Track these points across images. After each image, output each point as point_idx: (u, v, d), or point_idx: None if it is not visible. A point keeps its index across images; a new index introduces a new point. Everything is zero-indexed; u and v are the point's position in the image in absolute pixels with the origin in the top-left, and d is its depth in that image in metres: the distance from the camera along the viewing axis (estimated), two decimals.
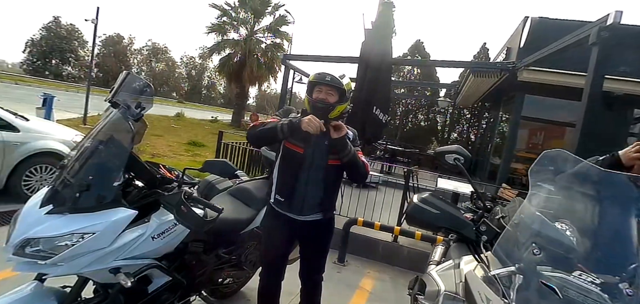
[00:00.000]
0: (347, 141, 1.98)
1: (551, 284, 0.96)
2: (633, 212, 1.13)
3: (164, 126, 16.22)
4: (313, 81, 2.00)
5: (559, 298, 0.94)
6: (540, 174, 1.25)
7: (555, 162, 1.28)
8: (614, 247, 1.12)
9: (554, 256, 1.04)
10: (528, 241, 1.09)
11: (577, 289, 0.96)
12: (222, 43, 22.29)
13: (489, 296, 1.00)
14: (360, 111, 5.46)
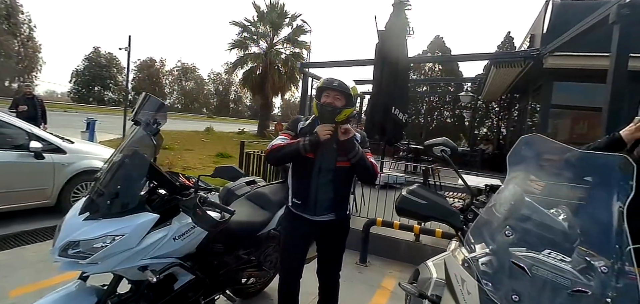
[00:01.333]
0: (355, 143, 2.08)
1: (521, 264, 0.99)
2: (612, 191, 1.14)
3: (194, 141, 16.98)
4: (321, 86, 2.13)
5: (529, 276, 0.97)
6: (517, 159, 1.29)
7: (532, 147, 1.31)
8: (591, 227, 1.13)
9: (526, 237, 1.06)
10: (502, 223, 1.12)
11: (547, 268, 0.98)
12: (244, 57, 23.14)
13: (464, 277, 1.04)
14: (379, 112, 5.49)
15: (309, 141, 2.06)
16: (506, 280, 1.00)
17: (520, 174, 1.26)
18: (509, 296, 0.96)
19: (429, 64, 21.98)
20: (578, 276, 0.96)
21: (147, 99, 1.91)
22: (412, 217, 1.36)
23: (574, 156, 1.25)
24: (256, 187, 2.87)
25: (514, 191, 1.20)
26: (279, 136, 2.24)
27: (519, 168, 1.28)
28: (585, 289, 0.94)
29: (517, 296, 0.95)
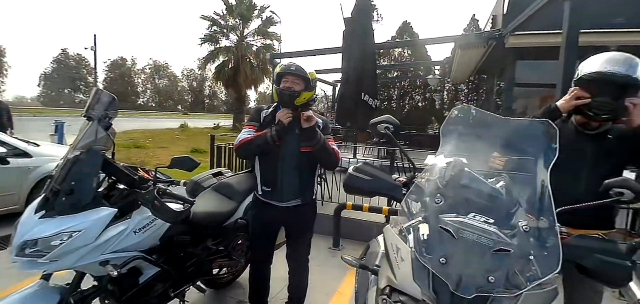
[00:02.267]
0: (316, 130, 2.14)
1: (448, 228, 1.04)
2: (538, 155, 1.23)
3: (169, 138, 16.63)
4: (280, 72, 2.17)
5: (455, 239, 1.02)
6: (450, 130, 1.36)
7: (464, 118, 1.39)
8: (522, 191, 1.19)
9: (457, 203, 1.12)
10: (434, 192, 1.17)
11: (472, 229, 1.02)
12: (215, 51, 22.94)
13: (399, 245, 1.09)
14: (349, 99, 5.57)
15: (276, 130, 2.11)
16: (436, 245, 1.04)
17: (452, 144, 1.33)
18: (438, 259, 1.01)
19: (399, 49, 22.29)
20: (501, 236, 1.01)
21: (98, 94, 1.90)
22: (358, 193, 1.41)
23: (502, 125, 1.35)
24: (223, 178, 2.89)
25: (448, 161, 1.27)
26: (244, 129, 2.28)
27: (451, 138, 1.35)
28: (507, 248, 0.99)
29: (445, 259, 1.00)
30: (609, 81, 1.58)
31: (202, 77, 71.25)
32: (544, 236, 1.05)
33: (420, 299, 0.99)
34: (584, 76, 1.67)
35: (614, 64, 1.57)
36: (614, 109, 1.58)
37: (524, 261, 1.00)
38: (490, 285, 0.95)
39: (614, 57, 1.60)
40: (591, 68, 1.64)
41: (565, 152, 1.76)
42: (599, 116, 1.62)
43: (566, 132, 1.79)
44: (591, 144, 1.71)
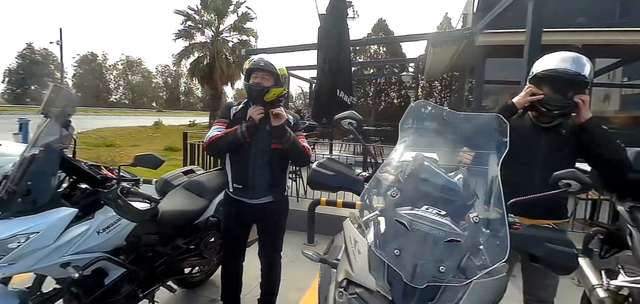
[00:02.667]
0: (286, 128, 2.14)
1: (402, 220, 1.06)
2: (491, 148, 1.30)
3: (142, 136, 16.17)
4: (249, 67, 2.16)
5: (408, 230, 1.04)
6: (408, 125, 1.41)
7: (421, 113, 1.45)
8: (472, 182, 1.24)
9: (411, 196, 1.15)
10: (390, 185, 1.20)
11: (425, 221, 1.04)
12: (189, 47, 22.44)
13: (357, 239, 1.11)
14: (324, 96, 5.59)
15: (247, 126, 2.10)
16: (391, 237, 1.07)
17: (410, 139, 1.38)
18: (392, 251, 1.03)
19: (375, 46, 22.58)
20: (453, 227, 1.05)
21: (56, 90, 1.84)
22: (322, 189, 1.44)
23: (456, 119, 1.41)
24: (194, 176, 2.86)
25: (405, 155, 1.31)
26: (214, 126, 2.25)
27: (409, 133, 1.39)
28: (457, 239, 1.02)
29: (398, 251, 1.02)
30: (560, 78, 1.68)
31: (178, 74, 69.53)
32: (494, 227, 1.10)
33: (374, 291, 1.01)
34: (537, 74, 1.77)
35: (565, 63, 1.67)
36: (565, 105, 1.69)
37: (474, 251, 1.04)
38: (441, 275, 0.98)
39: (565, 57, 1.71)
40: (544, 66, 1.74)
41: (522, 145, 1.86)
42: (551, 111, 1.72)
43: (523, 126, 1.89)
44: (545, 137, 1.81)
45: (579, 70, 1.65)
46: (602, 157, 1.73)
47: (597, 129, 1.71)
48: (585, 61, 1.69)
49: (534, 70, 1.80)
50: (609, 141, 1.71)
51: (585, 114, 1.69)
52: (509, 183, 1.87)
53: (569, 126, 1.80)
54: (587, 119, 1.70)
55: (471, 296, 0.95)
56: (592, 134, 1.71)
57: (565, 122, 1.80)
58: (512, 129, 1.85)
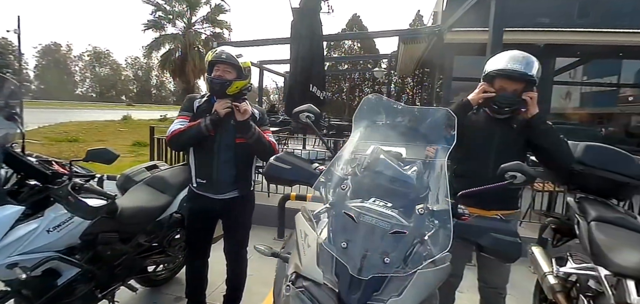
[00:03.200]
0: (250, 123, 2.11)
1: (350, 213, 1.08)
2: (439, 141, 1.35)
3: (109, 131, 15.55)
4: (211, 59, 2.11)
5: (355, 223, 1.06)
6: (361, 118, 1.44)
7: (374, 107, 1.48)
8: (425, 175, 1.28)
9: (361, 188, 1.18)
10: (341, 178, 1.22)
11: (372, 214, 1.07)
12: (160, 39, 21.72)
13: (307, 232, 1.12)
14: (297, 91, 5.55)
15: (210, 119, 2.05)
16: (339, 230, 1.09)
17: (363, 132, 1.40)
18: (340, 243, 1.05)
19: (349, 42, 22.72)
20: (399, 219, 1.08)
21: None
22: (279, 182, 1.43)
23: (408, 113, 1.45)
24: (157, 172, 2.77)
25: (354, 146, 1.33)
26: (176, 120, 2.19)
27: (362, 126, 1.42)
28: (402, 231, 1.04)
29: (345, 243, 1.04)
30: (510, 77, 1.76)
31: (149, 66, 67.10)
32: (439, 218, 1.13)
33: (321, 284, 1.02)
34: (489, 73, 1.84)
35: (514, 62, 1.77)
36: (514, 102, 1.78)
37: (419, 242, 1.08)
38: (386, 266, 1.01)
39: (515, 56, 1.80)
40: (495, 66, 1.82)
41: (477, 140, 1.93)
42: (501, 108, 1.80)
43: (478, 122, 1.97)
44: (499, 132, 1.89)
45: (526, 70, 1.74)
46: (546, 150, 1.84)
47: (542, 124, 1.81)
48: (533, 61, 1.79)
49: (486, 69, 1.89)
50: (552, 135, 1.82)
51: (533, 110, 1.79)
52: (466, 176, 1.95)
53: (520, 122, 1.89)
54: (534, 115, 1.80)
55: (415, 285, 0.98)
56: (537, 129, 1.81)
57: (516, 118, 1.89)
58: (468, 125, 1.94)
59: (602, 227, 1.94)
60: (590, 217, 2.01)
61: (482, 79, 1.93)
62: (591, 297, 1.90)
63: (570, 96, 9.40)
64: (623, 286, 1.64)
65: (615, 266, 1.71)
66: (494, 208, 1.86)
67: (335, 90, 23.63)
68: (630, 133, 8.69)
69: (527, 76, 1.75)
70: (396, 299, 0.95)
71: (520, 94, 1.79)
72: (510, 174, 1.25)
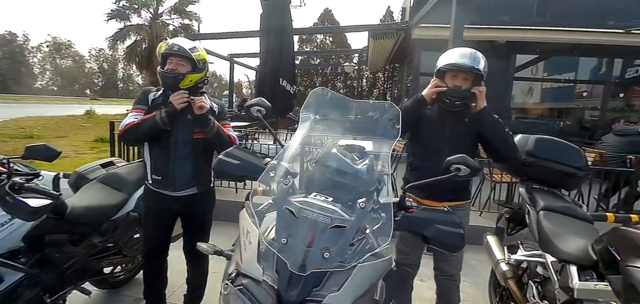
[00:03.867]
0: (209, 118, 2.05)
1: (291, 208, 1.07)
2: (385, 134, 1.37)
3: (70, 127, 14.72)
4: (163, 52, 2.03)
5: (296, 218, 1.05)
6: (308, 112, 1.43)
7: (321, 100, 1.49)
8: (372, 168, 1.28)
9: (309, 182, 1.18)
10: (285, 173, 1.21)
11: (312, 208, 1.06)
12: (124, 29, 20.64)
13: (249, 229, 1.11)
14: (267, 84, 5.47)
15: (166, 112, 1.97)
16: (280, 226, 1.08)
17: (309, 125, 1.40)
18: (280, 239, 1.04)
19: (321, 36, 22.69)
20: (340, 213, 1.07)
21: None
22: (227, 178, 1.40)
23: (353, 106, 1.46)
24: (113, 169, 2.65)
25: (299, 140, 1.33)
26: (130, 113, 2.09)
27: (309, 120, 1.41)
28: (343, 225, 1.04)
29: (286, 239, 1.03)
30: (459, 70, 1.84)
31: (114, 59, 64.10)
32: (381, 211, 1.15)
33: (261, 281, 1.00)
34: (441, 68, 1.90)
35: (463, 58, 1.84)
36: (464, 95, 1.85)
37: (360, 235, 1.08)
38: (325, 261, 1.00)
39: (463, 52, 1.88)
40: (445, 61, 1.89)
41: (431, 134, 1.98)
42: (452, 101, 1.86)
43: (432, 116, 2.02)
44: (451, 126, 1.95)
45: (474, 64, 1.82)
46: (492, 142, 1.92)
47: (489, 117, 1.88)
48: (480, 57, 1.87)
49: (438, 65, 1.95)
50: (498, 128, 1.89)
51: (481, 103, 1.87)
52: (420, 169, 2.00)
53: (471, 115, 1.96)
54: (482, 108, 1.87)
55: (354, 279, 0.98)
56: (485, 122, 1.88)
57: (468, 113, 1.95)
58: (423, 120, 1.98)
59: (549, 216, 2.04)
60: (539, 207, 2.11)
61: (434, 75, 1.98)
62: (539, 282, 2.01)
63: (532, 92, 9.87)
64: (567, 271, 1.74)
65: (560, 253, 1.81)
66: (446, 199, 1.92)
67: (308, 84, 23.56)
68: (584, 127, 9.24)
69: (474, 70, 1.83)
70: (335, 294, 0.95)
71: (469, 88, 1.85)
72: (455, 167, 1.28)
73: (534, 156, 2.28)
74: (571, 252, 1.76)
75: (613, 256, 1.46)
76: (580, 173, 2.27)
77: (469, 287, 3.20)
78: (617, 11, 7.49)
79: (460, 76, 1.86)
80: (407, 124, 1.95)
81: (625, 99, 9.04)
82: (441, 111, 1.98)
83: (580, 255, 1.71)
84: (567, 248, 1.79)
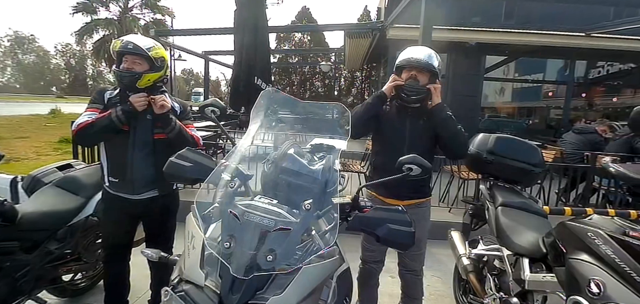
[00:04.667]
0: (170, 117, 2.00)
1: (235, 212, 1.06)
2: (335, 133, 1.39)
3: (33, 126, 13.98)
4: (118, 50, 1.95)
5: (240, 222, 1.05)
6: (258, 113, 1.43)
7: (270, 101, 1.49)
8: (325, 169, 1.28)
9: (265, 183, 1.19)
10: (231, 176, 1.21)
11: (257, 211, 1.06)
12: (91, 24, 19.76)
13: (194, 233, 1.09)
14: (241, 83, 5.39)
15: (123, 110, 1.90)
16: (225, 229, 1.07)
17: (260, 125, 1.40)
18: (224, 243, 1.03)
19: (299, 35, 22.63)
20: (285, 215, 1.08)
21: None
22: (180, 181, 1.38)
23: (303, 107, 1.47)
24: (70, 171, 2.54)
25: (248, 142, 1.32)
26: (85, 112, 2.01)
27: (259, 121, 1.41)
28: (287, 227, 1.04)
29: (229, 243, 1.02)
30: (415, 67, 1.89)
31: (82, 54, 61.40)
32: (328, 212, 1.16)
33: (203, 286, 0.99)
34: (398, 65, 1.95)
35: (418, 54, 1.89)
36: (420, 90, 1.90)
37: (305, 237, 1.09)
38: (268, 264, 1.00)
39: (418, 50, 1.94)
40: (402, 57, 1.93)
41: (391, 132, 2.02)
42: (409, 97, 1.90)
43: (391, 115, 2.05)
44: (409, 124, 1.99)
45: (428, 61, 1.88)
46: (444, 138, 1.96)
47: (442, 113, 1.93)
48: (435, 56, 1.93)
49: (397, 61, 1.98)
50: (450, 125, 1.93)
51: (435, 99, 1.93)
52: (381, 168, 2.03)
53: (428, 114, 2.00)
54: (436, 104, 1.92)
55: (299, 280, 0.98)
56: (438, 118, 1.93)
57: (425, 111, 1.99)
58: (384, 119, 2.02)
59: (506, 211, 2.12)
60: (498, 203, 2.19)
61: (393, 72, 2.02)
62: (496, 275, 2.09)
63: (503, 92, 10.24)
64: (520, 263, 1.82)
65: (514, 246, 1.89)
66: (407, 197, 1.96)
67: (286, 83, 23.47)
68: (549, 125, 9.68)
69: (429, 66, 1.88)
70: (277, 297, 0.94)
71: (425, 84, 1.90)
72: (407, 167, 1.31)
73: (494, 153, 2.37)
74: (524, 245, 1.84)
75: (560, 248, 1.54)
76: (536, 170, 2.37)
77: (437, 281, 3.28)
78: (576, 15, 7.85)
79: (416, 72, 1.90)
80: (369, 120, 2.00)
81: (586, 99, 9.54)
82: (400, 111, 2.01)
83: (532, 248, 1.79)
84: (521, 241, 1.87)
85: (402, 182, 1.83)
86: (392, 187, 1.92)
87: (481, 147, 2.42)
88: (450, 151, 2.04)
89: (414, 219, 1.96)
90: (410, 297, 2.21)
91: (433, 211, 2.25)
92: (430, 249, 3.70)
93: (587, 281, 1.26)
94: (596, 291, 1.21)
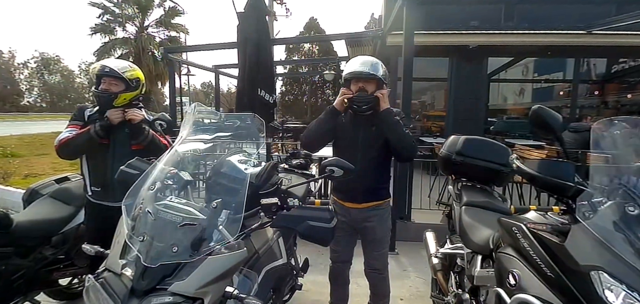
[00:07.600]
0: (143, 127, 2.17)
1: (150, 210, 1.23)
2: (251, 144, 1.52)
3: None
4: (97, 73, 2.15)
5: (153, 219, 1.21)
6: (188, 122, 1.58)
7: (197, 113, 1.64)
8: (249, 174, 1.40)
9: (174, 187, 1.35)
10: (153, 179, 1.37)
11: (168, 209, 1.22)
12: (109, 43, 20.66)
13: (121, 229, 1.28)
14: (246, 95, 5.55)
15: (100, 125, 2.09)
16: (143, 226, 1.22)
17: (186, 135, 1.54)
18: (139, 237, 1.19)
19: (308, 45, 22.92)
20: (194, 213, 1.23)
21: None
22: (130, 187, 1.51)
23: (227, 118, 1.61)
24: (65, 183, 2.75)
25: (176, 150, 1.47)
26: (66, 129, 2.20)
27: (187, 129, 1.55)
28: (192, 223, 1.19)
29: (143, 237, 1.18)
30: (360, 78, 1.97)
31: None
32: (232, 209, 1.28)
33: (120, 274, 1.15)
34: (345, 77, 2.03)
35: (363, 66, 1.97)
36: (369, 99, 1.98)
37: (211, 231, 1.22)
38: (174, 255, 1.14)
39: (363, 61, 2.01)
40: (348, 70, 2.01)
41: (346, 142, 2.11)
42: (360, 107, 1.98)
43: (345, 125, 2.13)
44: (362, 132, 2.07)
45: (372, 70, 1.95)
46: (391, 142, 2.00)
47: (389, 118, 1.98)
48: (379, 64, 2.01)
49: (343, 74, 2.07)
50: (396, 128, 1.98)
51: (383, 105, 1.99)
52: None
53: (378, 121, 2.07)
54: (384, 110, 1.99)
55: (202, 268, 1.12)
56: (386, 123, 1.99)
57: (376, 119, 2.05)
58: (339, 129, 2.10)
59: (470, 210, 2.18)
60: (462, 202, 2.25)
61: (342, 85, 2.09)
62: (457, 272, 2.14)
63: (523, 93, 10.22)
64: (474, 260, 1.87)
65: (471, 244, 1.94)
66: (364, 201, 2.05)
67: (297, 93, 23.81)
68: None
69: (373, 76, 1.96)
70: (180, 282, 1.08)
71: (373, 92, 1.98)
72: (329, 169, 1.41)
73: (462, 154, 2.42)
74: (478, 243, 1.89)
75: (500, 244, 1.60)
76: (505, 169, 2.40)
77: (421, 283, 3.33)
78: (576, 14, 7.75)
79: (363, 82, 1.98)
80: (324, 135, 2.09)
81: (599, 97, 9.34)
82: (353, 120, 2.09)
83: (484, 245, 1.84)
84: (476, 239, 1.92)
85: (358, 187, 1.94)
86: (347, 190, 2.03)
87: (450, 149, 2.47)
88: (399, 154, 2.09)
89: (375, 221, 2.06)
90: (378, 295, 2.28)
91: (428, 214, 2.30)
92: (420, 251, 3.75)
93: (508, 273, 1.32)
94: (513, 283, 1.27)
